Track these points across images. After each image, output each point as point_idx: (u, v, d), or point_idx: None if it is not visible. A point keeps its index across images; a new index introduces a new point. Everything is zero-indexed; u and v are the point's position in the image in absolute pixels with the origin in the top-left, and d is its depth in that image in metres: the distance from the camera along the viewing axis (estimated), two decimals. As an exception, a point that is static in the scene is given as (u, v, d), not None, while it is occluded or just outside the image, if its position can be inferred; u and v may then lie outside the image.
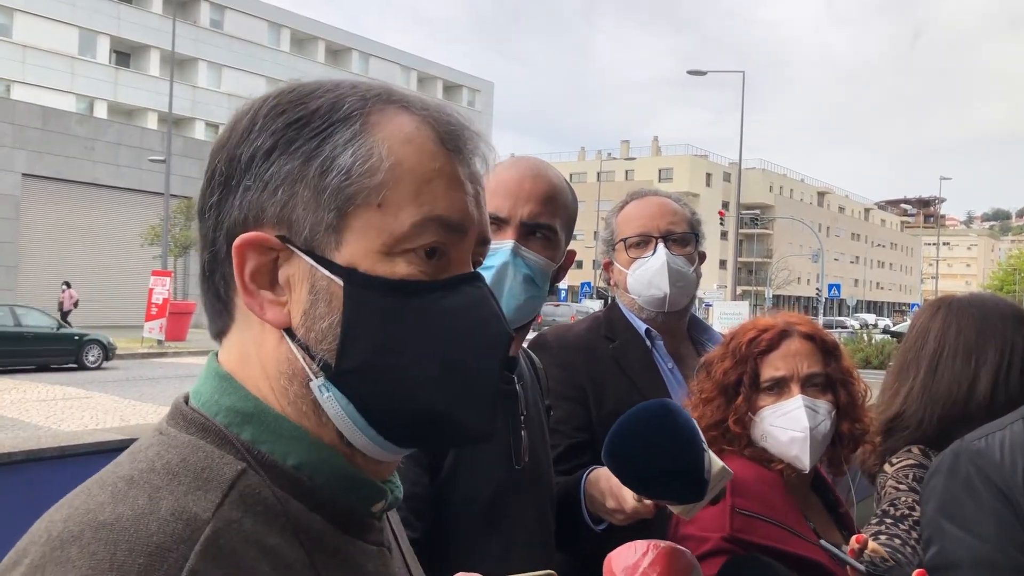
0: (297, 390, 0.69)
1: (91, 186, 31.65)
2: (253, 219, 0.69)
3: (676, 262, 2.05)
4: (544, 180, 1.54)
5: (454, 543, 1.37)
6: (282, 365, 0.69)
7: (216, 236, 0.70)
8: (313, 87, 0.72)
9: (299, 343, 0.68)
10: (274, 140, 0.69)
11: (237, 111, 0.74)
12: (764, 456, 1.70)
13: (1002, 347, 1.93)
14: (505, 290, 1.47)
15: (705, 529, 1.56)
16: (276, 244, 0.68)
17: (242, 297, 0.69)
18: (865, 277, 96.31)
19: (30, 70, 38.62)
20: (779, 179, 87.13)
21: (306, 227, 0.68)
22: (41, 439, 3.44)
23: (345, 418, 0.69)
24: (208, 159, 0.73)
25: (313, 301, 0.68)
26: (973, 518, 1.47)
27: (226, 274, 0.70)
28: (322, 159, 0.68)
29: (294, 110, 0.70)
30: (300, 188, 0.68)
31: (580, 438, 1.88)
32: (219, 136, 0.73)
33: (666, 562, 1.18)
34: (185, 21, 41.48)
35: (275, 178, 0.68)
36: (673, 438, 1.25)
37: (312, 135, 0.69)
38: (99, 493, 0.62)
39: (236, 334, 0.73)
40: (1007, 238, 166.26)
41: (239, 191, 0.69)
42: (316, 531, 0.67)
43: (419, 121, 0.72)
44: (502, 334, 0.73)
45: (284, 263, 0.69)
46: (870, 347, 17.75)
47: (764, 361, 1.71)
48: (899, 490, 1.89)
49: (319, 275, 0.68)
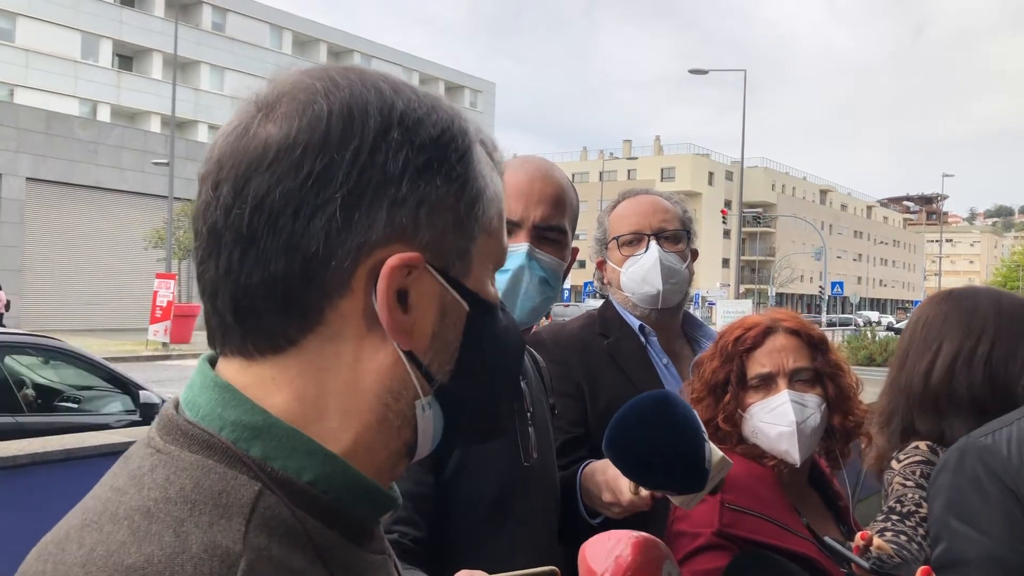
0: (401, 407, 0.68)
1: (95, 189, 31.69)
2: (397, 237, 0.64)
3: (668, 259, 2.06)
4: (553, 181, 1.58)
5: (461, 540, 1.38)
6: (393, 383, 0.67)
7: (333, 247, 0.63)
8: (408, 89, 0.69)
9: (418, 363, 0.67)
10: (427, 156, 0.65)
11: (303, 99, 0.65)
12: (756, 452, 1.72)
13: (963, 337, 1.91)
14: (521, 292, 1.50)
15: (697, 525, 1.57)
16: (422, 266, 0.65)
17: (384, 319, 0.65)
18: (868, 275, 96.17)
19: (33, 74, 38.72)
20: (781, 177, 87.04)
21: (446, 251, 0.67)
22: (47, 443, 3.45)
23: (432, 431, 0.71)
24: (284, 150, 0.63)
25: (443, 324, 0.68)
26: (981, 515, 1.47)
27: (326, 283, 0.64)
28: (470, 186, 0.68)
29: (431, 120, 0.67)
30: (448, 213, 0.67)
31: (576, 433, 1.90)
32: (308, 128, 0.63)
33: (638, 551, 1.19)
34: (187, 24, 41.54)
35: (428, 200, 0.65)
36: (674, 428, 1.26)
37: (459, 155, 0.68)
38: (114, 530, 0.57)
39: (313, 346, 0.66)
40: (1010, 234, 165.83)
41: (384, 204, 0.64)
42: (333, 548, 0.65)
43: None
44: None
45: (414, 284, 0.66)
46: (874, 344, 17.73)
47: (750, 358, 1.73)
48: (906, 486, 1.89)
49: (449, 298, 0.68)
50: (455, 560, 1.34)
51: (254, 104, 0.66)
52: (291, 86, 0.66)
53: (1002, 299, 1.97)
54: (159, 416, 0.68)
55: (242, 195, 0.63)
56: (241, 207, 0.63)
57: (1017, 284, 66.56)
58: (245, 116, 0.66)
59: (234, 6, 45.67)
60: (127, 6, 42.45)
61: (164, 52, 40.47)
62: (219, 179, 0.64)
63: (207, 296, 0.67)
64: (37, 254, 29.89)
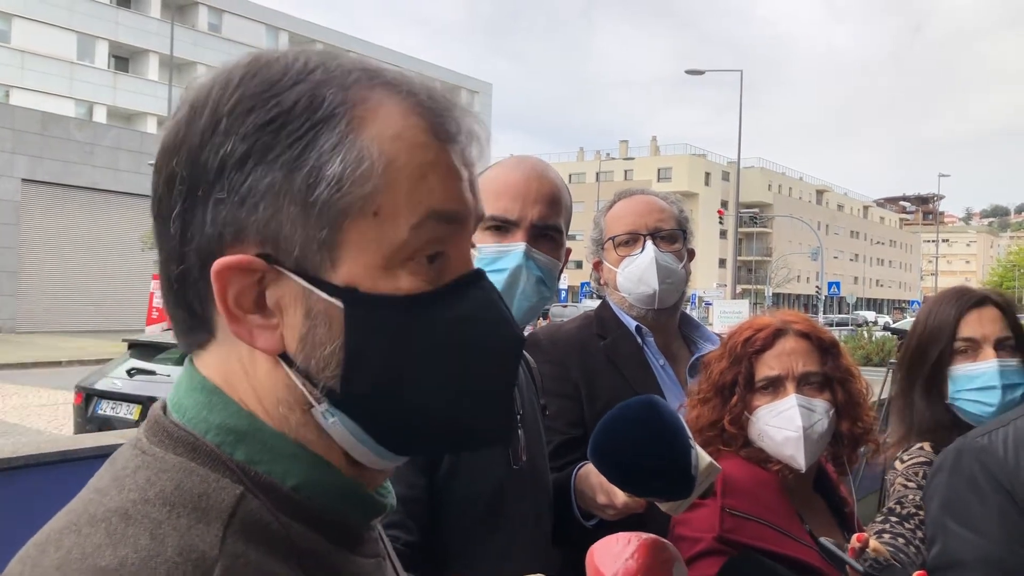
0: (299, 417, 0.64)
1: (91, 191, 31.62)
2: (231, 237, 0.61)
3: (664, 259, 2.06)
4: (549, 181, 1.58)
5: (453, 544, 1.37)
6: (279, 392, 0.64)
7: (185, 251, 0.62)
8: (279, 71, 0.63)
9: (297, 369, 0.63)
10: (247, 146, 0.61)
11: (188, 99, 0.64)
12: (761, 456, 1.70)
13: (922, 323, 2.03)
14: (518, 292, 1.50)
15: (697, 530, 1.56)
16: (261, 266, 0.61)
17: (228, 324, 0.62)
18: (864, 275, 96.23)
19: (29, 75, 38.63)
20: (778, 177, 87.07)
21: (296, 245, 0.61)
22: (42, 444, 3.44)
23: (353, 441, 0.65)
24: (160, 156, 0.64)
25: (311, 326, 0.62)
26: (977, 516, 1.47)
27: (201, 291, 0.63)
28: (308, 170, 0.60)
29: (265, 107, 0.61)
30: (285, 202, 0.60)
31: (573, 434, 1.89)
32: (169, 131, 0.64)
33: (647, 553, 1.18)
34: (183, 25, 41.46)
35: (254, 192, 0.60)
36: (658, 435, 1.25)
37: (292, 140, 0.61)
38: (92, 532, 0.56)
39: (218, 350, 0.66)
40: (1006, 234, 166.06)
41: (210, 204, 0.61)
42: (318, 553, 0.63)
43: (407, 109, 0.64)
44: (513, 338, 0.69)
45: (272, 284, 0.62)
46: (871, 344, 17.74)
47: (759, 360, 1.71)
48: (908, 487, 1.89)
49: (315, 297, 0.62)
50: (448, 563, 1.34)
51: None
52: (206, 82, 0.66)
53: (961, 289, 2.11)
54: (147, 417, 0.67)
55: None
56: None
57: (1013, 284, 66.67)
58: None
59: (230, 7, 45.60)
60: (123, 7, 42.37)
61: (160, 53, 40.33)
62: None
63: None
64: (33, 256, 29.82)
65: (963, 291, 2.06)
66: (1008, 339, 1.96)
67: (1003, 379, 1.90)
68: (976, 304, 2.00)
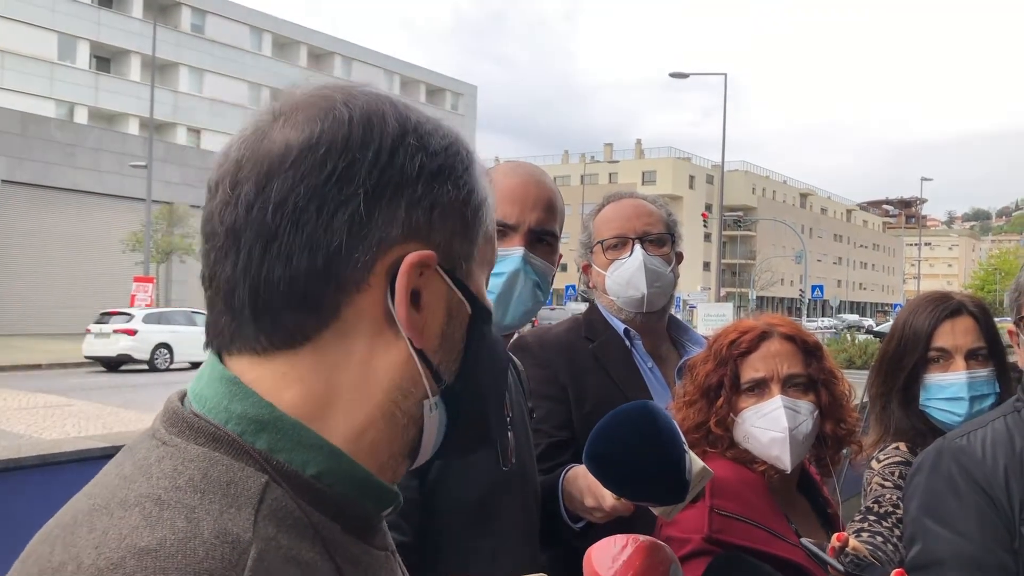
0: (409, 406, 0.70)
1: (72, 192, 31.41)
2: (413, 236, 0.68)
3: (653, 262, 2.07)
4: (545, 186, 1.61)
5: (444, 545, 1.37)
6: (404, 382, 0.69)
7: (355, 242, 0.65)
8: (407, 102, 0.74)
9: (428, 362, 0.70)
10: (439, 162, 0.70)
11: (333, 103, 0.68)
12: (746, 457, 1.71)
13: (899, 331, 2.09)
14: (515, 297, 1.52)
15: (686, 531, 1.57)
16: (434, 265, 0.69)
17: (400, 316, 0.67)
18: (848, 278, 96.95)
19: (9, 75, 38.24)
20: (762, 181, 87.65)
21: (454, 254, 0.71)
22: (21, 448, 3.41)
23: (435, 433, 0.73)
24: (307, 150, 0.66)
25: (451, 325, 0.71)
26: (956, 516, 1.48)
27: (346, 278, 0.66)
28: (476, 194, 0.72)
29: (439, 133, 0.72)
30: (455, 218, 0.70)
31: (561, 436, 1.89)
32: (327, 132, 0.67)
33: (644, 556, 1.19)
34: (166, 26, 41.25)
35: (440, 202, 0.69)
36: (654, 441, 1.25)
37: (464, 166, 0.72)
38: (126, 515, 0.58)
39: (327, 342, 0.67)
40: (987, 238, 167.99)
41: (402, 204, 0.67)
42: (339, 541, 0.66)
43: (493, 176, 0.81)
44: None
45: (426, 284, 0.69)
46: (853, 347, 17.86)
47: (744, 363, 1.72)
48: (884, 487, 1.91)
49: (455, 299, 0.71)
50: (439, 564, 1.34)
51: (270, 113, 0.69)
52: (307, 97, 0.70)
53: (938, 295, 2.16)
54: (164, 408, 0.69)
55: (264, 193, 0.65)
56: (263, 204, 0.65)
57: (995, 287, 67.29)
58: (262, 123, 0.68)
59: (213, 8, 45.35)
60: (105, 7, 42.04)
61: (142, 54, 40.09)
62: (238, 179, 0.66)
63: (222, 295, 0.67)
64: (13, 257, 29.54)
65: (939, 299, 2.07)
66: (981, 349, 1.98)
67: (971, 391, 1.95)
68: (951, 314, 2.02)
